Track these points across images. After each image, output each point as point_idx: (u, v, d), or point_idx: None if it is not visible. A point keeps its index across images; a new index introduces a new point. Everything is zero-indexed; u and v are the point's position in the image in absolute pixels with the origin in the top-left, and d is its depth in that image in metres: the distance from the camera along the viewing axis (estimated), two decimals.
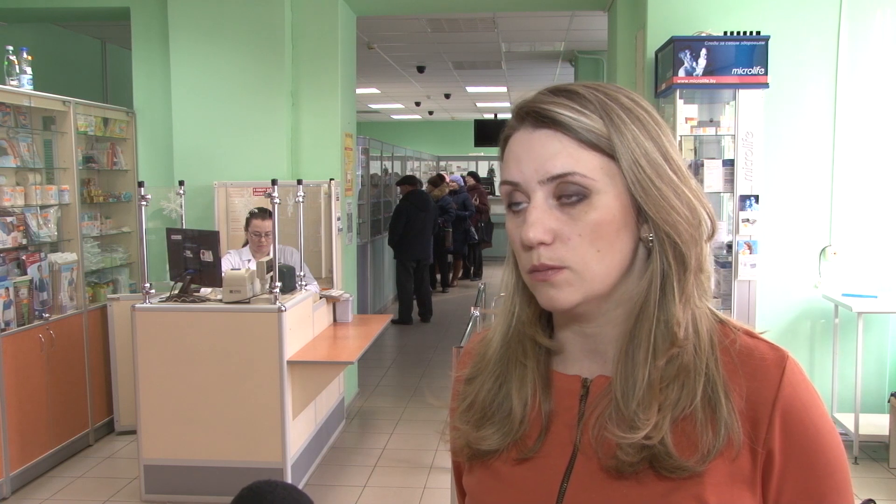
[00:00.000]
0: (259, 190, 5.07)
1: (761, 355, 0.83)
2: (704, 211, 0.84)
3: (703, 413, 0.80)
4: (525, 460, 0.87)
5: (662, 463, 0.78)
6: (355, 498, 4.10)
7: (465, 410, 0.93)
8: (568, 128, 0.80)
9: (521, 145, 0.83)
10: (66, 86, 5.46)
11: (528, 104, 0.83)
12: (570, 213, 0.80)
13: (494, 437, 0.88)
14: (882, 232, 4.63)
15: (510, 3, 6.22)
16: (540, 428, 0.87)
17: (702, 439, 0.79)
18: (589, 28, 7.53)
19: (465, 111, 16.52)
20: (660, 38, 4.44)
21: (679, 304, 0.82)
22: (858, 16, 4.53)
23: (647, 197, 0.81)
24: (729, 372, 0.82)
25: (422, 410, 5.58)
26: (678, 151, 0.85)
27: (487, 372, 0.93)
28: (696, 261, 0.83)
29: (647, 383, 0.81)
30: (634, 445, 0.79)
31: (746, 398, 0.81)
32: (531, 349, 0.90)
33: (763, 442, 0.80)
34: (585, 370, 0.88)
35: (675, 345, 0.81)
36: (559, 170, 0.80)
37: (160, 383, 3.95)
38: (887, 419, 4.35)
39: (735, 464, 0.79)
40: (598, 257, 0.81)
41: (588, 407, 0.86)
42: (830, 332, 4.58)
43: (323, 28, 5.30)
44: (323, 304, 4.73)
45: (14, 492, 4.09)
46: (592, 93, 0.83)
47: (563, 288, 0.81)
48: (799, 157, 4.60)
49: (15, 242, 4.29)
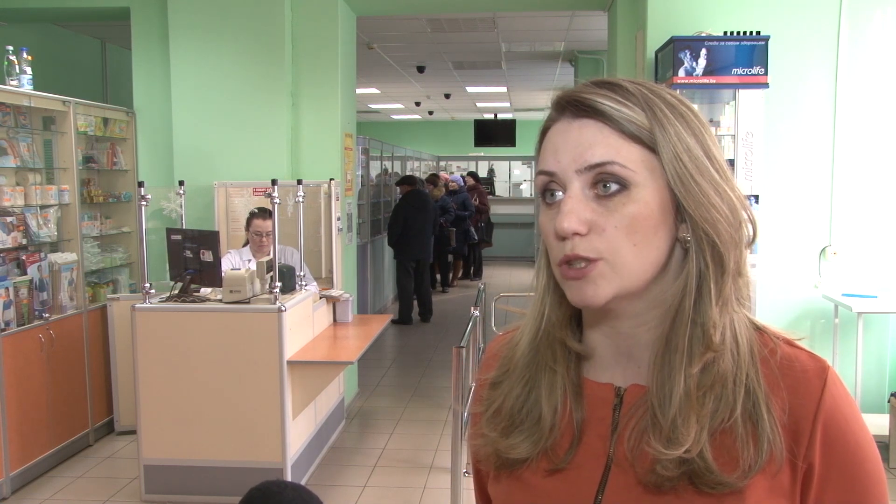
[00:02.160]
0: (259, 190, 5.07)
1: (802, 366, 0.80)
2: (746, 214, 0.82)
3: (743, 427, 0.77)
4: (557, 472, 0.84)
5: (703, 478, 0.76)
6: (355, 498, 4.10)
7: (491, 416, 0.90)
8: (609, 118, 0.79)
9: (560, 135, 0.81)
10: (66, 86, 5.46)
11: (570, 94, 0.81)
12: (606, 204, 0.78)
13: (524, 445, 0.85)
14: (882, 232, 4.63)
15: (510, 3, 6.22)
16: (571, 438, 0.85)
17: (743, 454, 0.76)
18: (589, 28, 7.53)
19: (465, 111, 16.51)
20: (660, 38, 4.44)
21: (716, 307, 0.79)
22: (858, 16, 4.53)
23: (686, 193, 0.78)
24: (770, 384, 0.79)
25: (422, 410, 5.58)
26: (721, 152, 0.83)
27: (515, 376, 0.90)
28: (735, 264, 0.80)
29: (683, 392, 0.78)
30: (674, 460, 0.76)
31: (788, 411, 0.78)
32: (561, 354, 0.87)
33: (804, 455, 0.78)
34: (618, 378, 0.86)
35: (711, 349, 0.79)
36: (598, 159, 0.78)
37: (160, 383, 3.95)
38: (887, 419, 4.35)
39: (776, 478, 0.78)
40: (634, 251, 0.78)
41: (622, 417, 0.83)
42: (830, 332, 4.58)
43: (323, 28, 5.29)
44: (323, 304, 4.73)
45: (14, 492, 4.09)
46: (636, 87, 0.81)
47: (597, 282, 0.78)
48: (799, 157, 4.60)
49: (15, 242, 4.29)
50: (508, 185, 17.47)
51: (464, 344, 3.54)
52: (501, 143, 15.11)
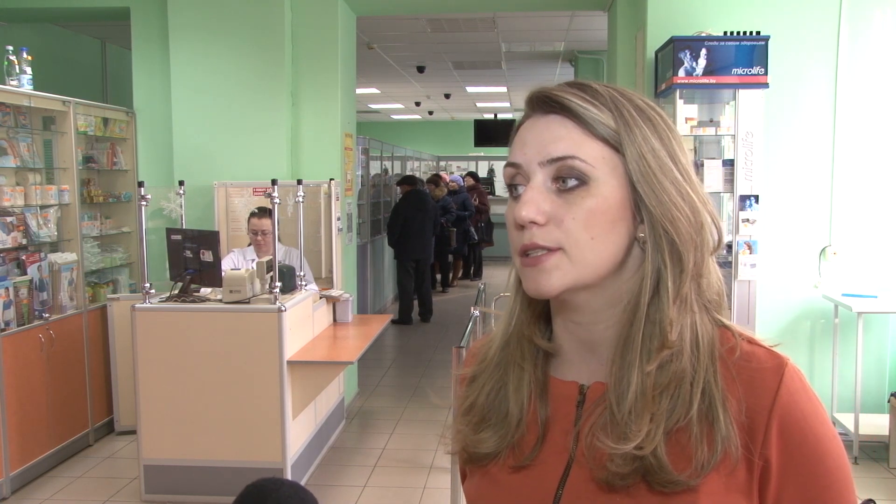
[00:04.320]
0: (259, 190, 5.07)
1: (759, 363, 0.81)
2: (710, 218, 0.82)
3: (698, 426, 0.78)
4: (522, 468, 0.86)
5: (655, 476, 0.77)
6: (355, 498, 4.10)
7: (465, 412, 0.92)
8: (576, 114, 0.81)
9: (529, 130, 0.84)
10: (66, 86, 5.46)
11: (541, 92, 0.84)
12: (566, 197, 0.80)
13: (491, 440, 0.87)
14: (882, 232, 4.63)
15: (510, 3, 6.22)
16: (537, 435, 0.86)
17: (696, 453, 0.77)
18: (589, 28, 7.53)
19: (465, 111, 16.52)
20: (660, 38, 4.44)
21: (673, 305, 0.80)
22: (858, 16, 4.53)
23: (648, 189, 0.80)
24: (727, 381, 0.80)
25: (422, 410, 5.58)
26: (688, 159, 0.84)
27: (488, 373, 0.92)
28: (696, 266, 0.81)
29: (639, 389, 0.79)
30: (626, 457, 0.77)
31: (744, 408, 0.79)
32: (529, 351, 0.89)
33: (759, 451, 0.78)
34: (583, 376, 0.87)
35: (666, 346, 0.79)
36: (560, 153, 0.80)
37: (160, 383, 3.95)
38: (887, 419, 4.35)
39: (732, 476, 0.78)
40: (590, 244, 0.79)
41: (584, 413, 0.85)
42: (830, 333, 4.58)
43: (323, 28, 5.30)
44: (323, 304, 4.73)
45: (14, 492, 4.09)
46: (606, 89, 0.83)
47: (551, 272, 0.80)
48: (799, 157, 4.60)
49: (15, 242, 4.29)
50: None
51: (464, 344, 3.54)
52: (501, 143, 15.08)
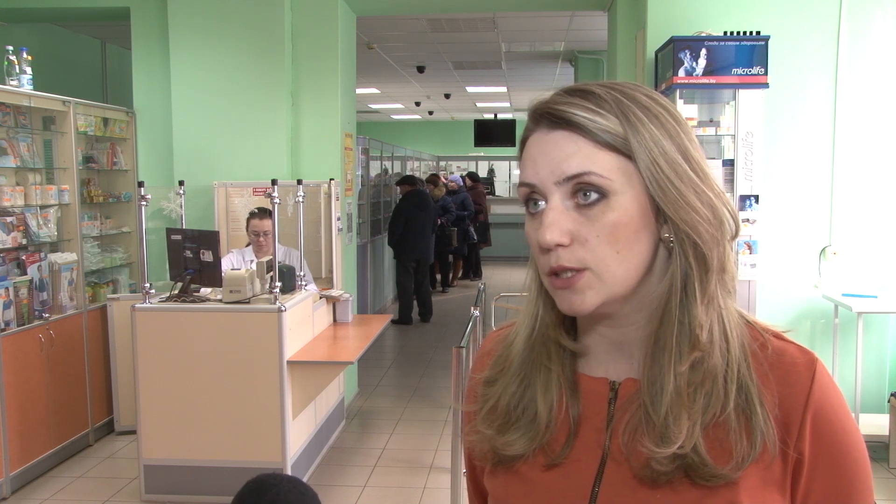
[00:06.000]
0: (259, 190, 5.07)
1: (792, 359, 0.82)
2: (726, 210, 0.83)
3: (736, 421, 0.79)
4: (554, 466, 0.86)
5: (697, 472, 0.78)
6: (355, 498, 4.10)
7: (487, 414, 0.91)
8: (583, 128, 0.79)
9: (537, 147, 0.82)
10: (66, 86, 5.46)
11: (543, 105, 0.83)
12: (587, 214, 0.79)
13: (520, 441, 0.87)
14: (882, 232, 4.63)
15: (510, 3, 6.22)
16: (568, 432, 0.86)
17: (736, 447, 0.78)
18: (589, 28, 7.53)
19: (465, 111, 16.52)
20: (660, 38, 4.44)
21: (701, 305, 0.81)
22: (858, 16, 4.53)
23: (665, 197, 0.79)
24: (761, 377, 0.81)
25: (422, 410, 5.58)
26: (699, 150, 0.83)
27: (511, 375, 0.91)
28: (719, 261, 0.82)
29: (674, 389, 0.80)
30: (668, 456, 0.78)
31: (779, 403, 0.80)
32: (555, 352, 0.89)
33: (794, 445, 0.80)
34: (612, 372, 0.87)
35: (697, 348, 0.80)
36: (574, 170, 0.79)
37: (160, 383, 3.95)
38: (887, 419, 4.35)
39: (769, 469, 0.80)
40: (617, 259, 0.79)
41: (617, 411, 0.85)
42: (830, 332, 4.59)
43: (323, 28, 5.29)
44: (323, 304, 4.73)
45: (14, 492, 4.09)
46: (609, 92, 0.81)
47: (584, 292, 0.80)
48: (799, 157, 4.60)
49: (15, 242, 4.29)
50: (508, 184, 17.43)
51: (464, 344, 3.54)
52: (501, 143, 15.11)
